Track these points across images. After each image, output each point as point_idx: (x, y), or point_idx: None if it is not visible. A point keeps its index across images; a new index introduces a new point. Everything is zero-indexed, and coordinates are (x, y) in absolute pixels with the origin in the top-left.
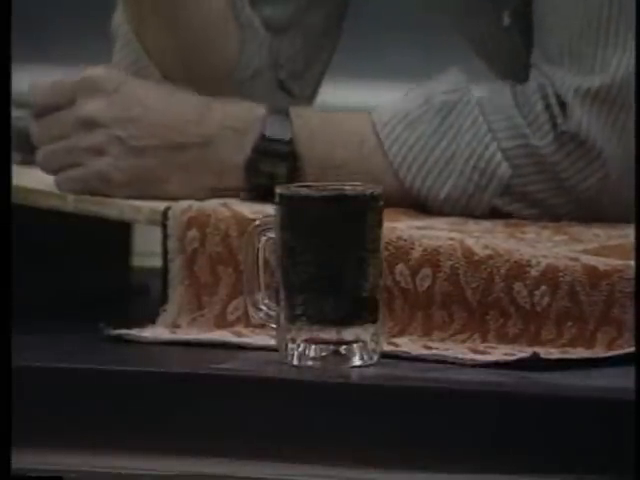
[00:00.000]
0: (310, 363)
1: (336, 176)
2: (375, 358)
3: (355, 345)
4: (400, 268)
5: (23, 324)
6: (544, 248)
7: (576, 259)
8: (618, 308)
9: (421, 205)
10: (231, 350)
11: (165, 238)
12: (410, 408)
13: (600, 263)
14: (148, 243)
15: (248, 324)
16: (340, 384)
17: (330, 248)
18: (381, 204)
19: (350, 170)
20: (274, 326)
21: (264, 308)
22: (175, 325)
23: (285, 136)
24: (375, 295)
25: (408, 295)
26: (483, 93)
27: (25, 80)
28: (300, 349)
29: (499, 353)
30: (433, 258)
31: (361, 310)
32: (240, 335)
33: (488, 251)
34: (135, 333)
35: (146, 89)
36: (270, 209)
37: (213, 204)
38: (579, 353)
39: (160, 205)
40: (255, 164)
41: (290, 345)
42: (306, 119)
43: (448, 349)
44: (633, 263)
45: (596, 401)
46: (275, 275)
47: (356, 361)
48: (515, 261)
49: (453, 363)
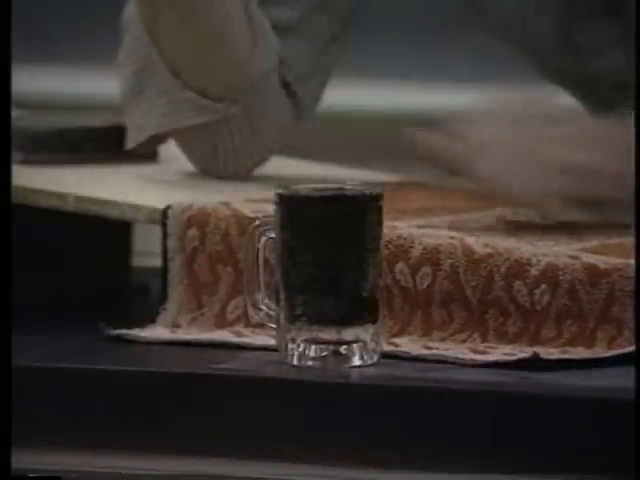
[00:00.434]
0: (310, 363)
1: None
2: (375, 358)
3: (355, 345)
4: (400, 267)
5: (23, 324)
6: (544, 247)
7: (576, 257)
8: (618, 307)
9: None
10: (231, 350)
11: (165, 237)
12: (410, 408)
13: (600, 262)
14: (148, 243)
15: (248, 323)
16: (340, 384)
17: (330, 248)
18: (381, 204)
19: None
20: (274, 326)
21: (264, 308)
22: (175, 324)
23: None
24: (375, 295)
25: (408, 294)
26: None
27: (25, 80)
28: (300, 349)
29: (499, 353)
30: (433, 257)
31: (361, 310)
32: (240, 335)
33: (488, 250)
34: (135, 333)
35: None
36: (270, 209)
37: (213, 203)
38: (579, 352)
39: (160, 204)
40: None
41: (290, 345)
42: None
43: (448, 349)
44: (633, 262)
45: (596, 401)
46: (275, 275)
47: (356, 361)
48: (515, 260)
49: (453, 363)
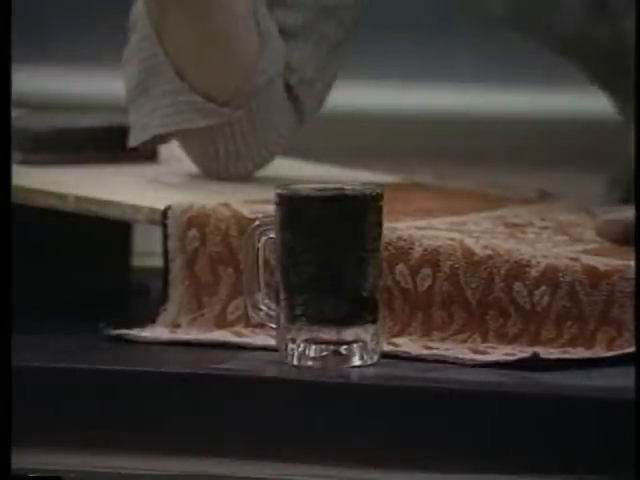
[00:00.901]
0: (310, 363)
1: None
2: (375, 358)
3: (355, 345)
4: (400, 268)
5: (23, 324)
6: (544, 248)
7: (576, 259)
8: (618, 308)
9: None
10: (231, 350)
11: (165, 238)
12: (410, 408)
13: (600, 263)
14: (148, 243)
15: (248, 324)
16: (340, 384)
17: (330, 248)
18: (381, 204)
19: None
20: (274, 326)
21: (264, 308)
22: (175, 325)
23: None
24: (375, 295)
25: (408, 295)
26: None
27: (25, 80)
28: (300, 349)
29: (499, 353)
30: (433, 258)
31: (361, 310)
32: (240, 335)
33: (488, 251)
34: (135, 333)
35: None
36: (270, 209)
37: (213, 204)
38: (579, 353)
39: (160, 205)
40: None
41: (290, 345)
42: None
43: (448, 349)
44: (633, 263)
45: (596, 401)
46: (275, 275)
47: (356, 361)
48: (515, 261)
49: (453, 363)
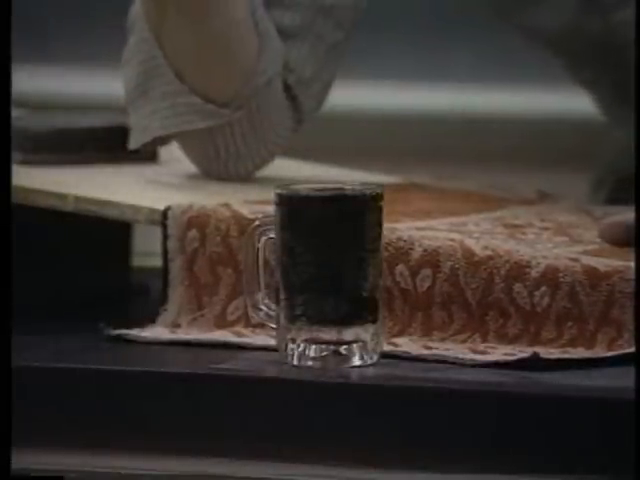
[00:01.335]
0: (310, 363)
1: None
2: (375, 358)
3: (355, 345)
4: (400, 269)
5: (23, 324)
6: (544, 249)
7: (576, 260)
8: (618, 309)
9: None
10: (231, 350)
11: (165, 238)
12: (410, 408)
13: (600, 264)
14: (148, 243)
15: (248, 324)
16: (340, 384)
17: (330, 248)
18: (381, 204)
19: None
20: (274, 326)
21: (264, 308)
22: (175, 325)
23: None
24: (375, 295)
25: (408, 296)
26: None
27: (25, 80)
28: (300, 349)
29: (499, 353)
30: (433, 259)
31: (361, 310)
32: (240, 335)
33: (488, 252)
34: (135, 333)
35: None
36: (270, 209)
37: (213, 204)
38: (579, 353)
39: (160, 205)
40: None
41: (290, 345)
42: None
43: (448, 349)
44: (633, 264)
45: (596, 401)
46: (275, 275)
47: (356, 361)
48: (515, 262)
49: (453, 363)
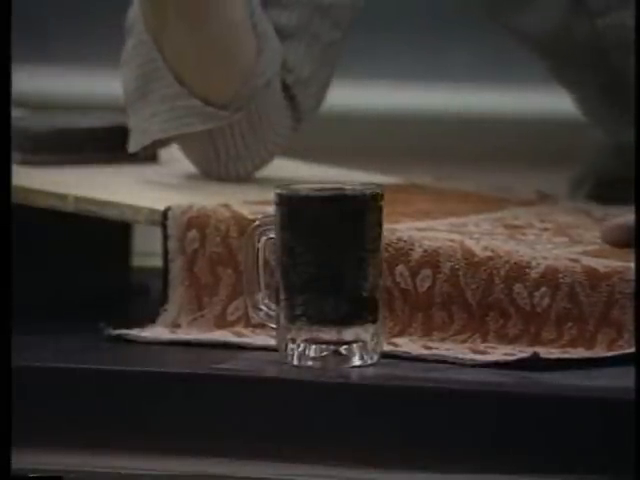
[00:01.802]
0: (310, 363)
1: None
2: (375, 358)
3: (355, 345)
4: (400, 269)
5: (23, 324)
6: (544, 250)
7: (576, 260)
8: (618, 309)
9: None
10: (231, 350)
11: (165, 239)
12: (410, 408)
13: (600, 264)
14: (148, 243)
15: (248, 324)
16: (340, 384)
17: (330, 248)
18: (381, 204)
19: None
20: (274, 326)
21: (264, 308)
22: (175, 325)
23: None
24: (375, 295)
25: (408, 296)
26: None
27: (25, 80)
28: (300, 349)
29: (499, 353)
30: (433, 259)
31: (361, 310)
32: (240, 335)
33: (488, 252)
34: (135, 333)
35: None
36: (270, 210)
37: (213, 205)
38: (579, 353)
39: (160, 205)
40: None
41: (290, 345)
42: None
43: (448, 349)
44: (633, 265)
45: (596, 401)
46: (275, 275)
47: (356, 361)
48: (515, 262)
49: (453, 363)
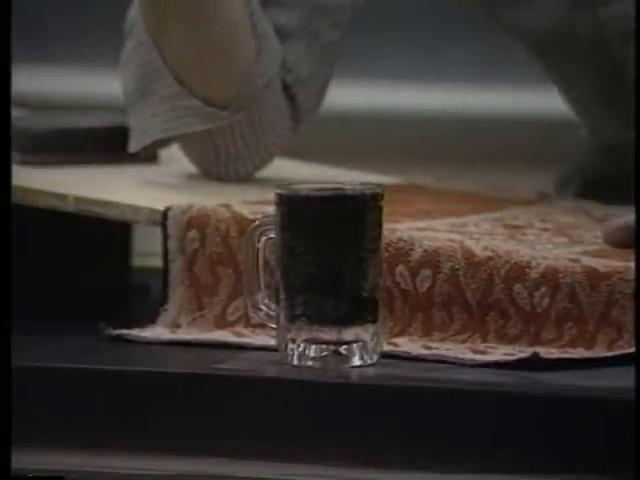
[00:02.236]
0: (310, 363)
1: None
2: (375, 358)
3: (355, 345)
4: (400, 269)
5: (23, 324)
6: (544, 250)
7: (576, 260)
8: (618, 309)
9: None
10: (231, 350)
11: (165, 239)
12: (410, 408)
13: (600, 264)
14: (148, 243)
15: (248, 324)
16: (340, 384)
17: (330, 248)
18: (381, 204)
19: None
20: (274, 326)
21: (264, 308)
22: (175, 325)
23: None
24: (375, 295)
25: (408, 296)
26: None
27: (25, 80)
28: (300, 349)
29: (499, 353)
30: (433, 259)
31: (361, 310)
32: (240, 335)
33: (488, 252)
34: (135, 333)
35: None
36: (270, 210)
37: (213, 205)
38: (579, 353)
39: (160, 205)
40: None
41: (290, 345)
42: None
43: (448, 349)
44: (633, 265)
45: (596, 401)
46: (275, 275)
47: (356, 361)
48: (515, 262)
49: (453, 363)
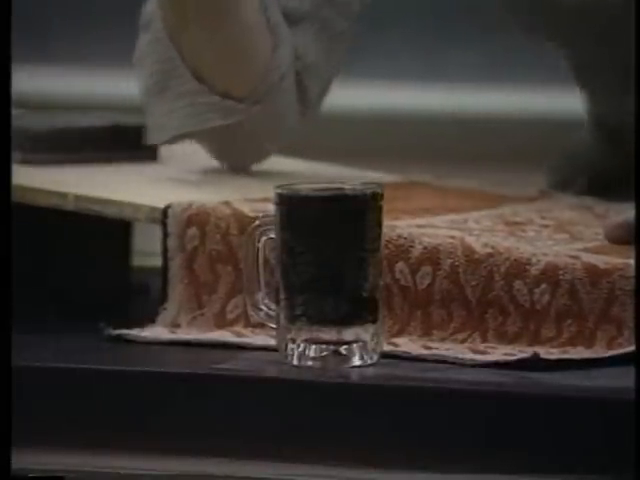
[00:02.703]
0: (310, 363)
1: None
2: (375, 358)
3: (355, 345)
4: (400, 266)
5: (23, 324)
6: (544, 246)
7: (576, 257)
8: (618, 306)
9: None
10: (231, 350)
11: (165, 236)
12: (410, 408)
13: (600, 261)
14: (148, 242)
15: (247, 323)
16: (340, 384)
17: (330, 248)
18: (381, 204)
19: None
20: (274, 326)
21: (264, 308)
22: (175, 324)
23: None
24: (375, 295)
25: (408, 293)
26: None
27: (25, 80)
28: (300, 349)
29: (499, 353)
30: (433, 256)
31: (361, 310)
32: (240, 335)
33: (488, 249)
34: (135, 333)
35: None
36: (270, 207)
37: (214, 202)
38: (579, 352)
39: (160, 203)
40: None
41: (290, 345)
42: None
43: (448, 349)
44: (633, 261)
45: (596, 401)
46: (275, 275)
47: (356, 361)
48: (515, 259)
49: (453, 363)
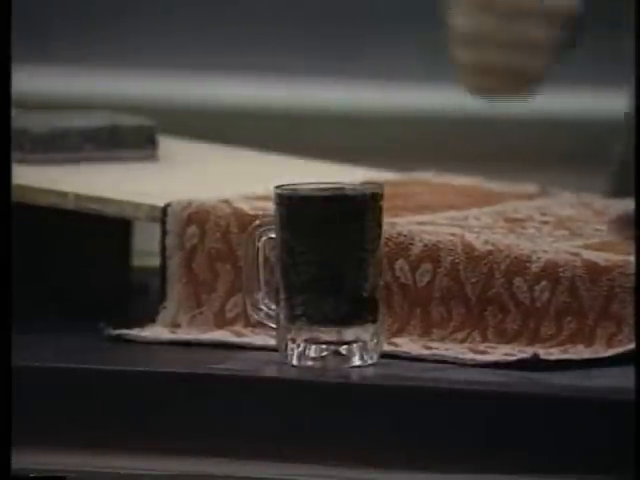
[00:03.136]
0: (310, 363)
1: None
2: (375, 358)
3: (355, 345)
4: (400, 264)
5: (23, 324)
6: (544, 243)
7: (576, 254)
8: (618, 303)
9: None
10: (231, 350)
11: (164, 235)
12: (410, 408)
13: (600, 258)
14: (148, 242)
15: (247, 321)
16: (340, 384)
17: (330, 248)
18: (381, 204)
19: None
20: (274, 326)
21: (264, 308)
22: (174, 323)
23: None
24: (375, 295)
25: (408, 291)
26: None
27: (25, 80)
28: (300, 349)
29: (499, 353)
30: (433, 253)
31: (361, 310)
32: (240, 335)
33: (488, 246)
34: (135, 333)
35: None
36: (269, 206)
37: (213, 200)
38: (579, 350)
39: (160, 202)
40: None
41: (290, 345)
42: None
43: (448, 349)
44: (633, 259)
45: (596, 401)
46: (275, 275)
47: (356, 361)
48: (515, 256)
49: (453, 363)
